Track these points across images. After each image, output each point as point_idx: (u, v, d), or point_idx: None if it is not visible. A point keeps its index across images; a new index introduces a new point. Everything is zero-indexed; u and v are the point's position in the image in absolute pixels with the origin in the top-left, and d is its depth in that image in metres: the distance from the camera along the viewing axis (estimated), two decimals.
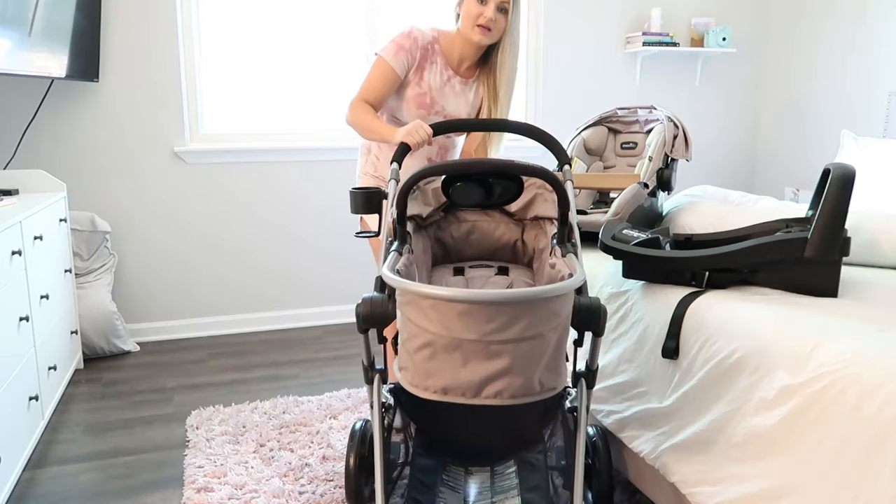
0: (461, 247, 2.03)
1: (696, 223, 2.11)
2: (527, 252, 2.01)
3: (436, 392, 1.26)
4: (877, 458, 1.18)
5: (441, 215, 1.99)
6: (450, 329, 1.21)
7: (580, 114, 4.00)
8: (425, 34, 2.12)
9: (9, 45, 2.57)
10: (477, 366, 1.22)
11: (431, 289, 1.20)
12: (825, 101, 3.93)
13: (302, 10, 3.51)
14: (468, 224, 2.01)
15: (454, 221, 2.01)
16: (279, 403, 2.65)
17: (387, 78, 2.08)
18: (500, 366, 1.22)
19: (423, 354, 1.26)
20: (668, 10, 4.04)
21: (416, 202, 1.90)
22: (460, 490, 1.75)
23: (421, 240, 1.94)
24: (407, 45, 2.08)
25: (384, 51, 2.08)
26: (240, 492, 2.04)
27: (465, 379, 1.23)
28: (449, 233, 2.01)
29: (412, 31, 2.10)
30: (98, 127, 3.25)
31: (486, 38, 2.04)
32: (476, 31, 2.03)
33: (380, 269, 1.67)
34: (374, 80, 2.09)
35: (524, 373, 1.23)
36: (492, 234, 2.01)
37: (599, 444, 1.79)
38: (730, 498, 1.44)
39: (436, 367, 1.25)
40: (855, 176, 1.63)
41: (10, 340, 2.09)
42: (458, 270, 1.96)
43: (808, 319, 1.45)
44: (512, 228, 2.01)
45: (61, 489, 2.10)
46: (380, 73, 2.08)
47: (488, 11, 2.01)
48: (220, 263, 3.53)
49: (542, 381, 1.27)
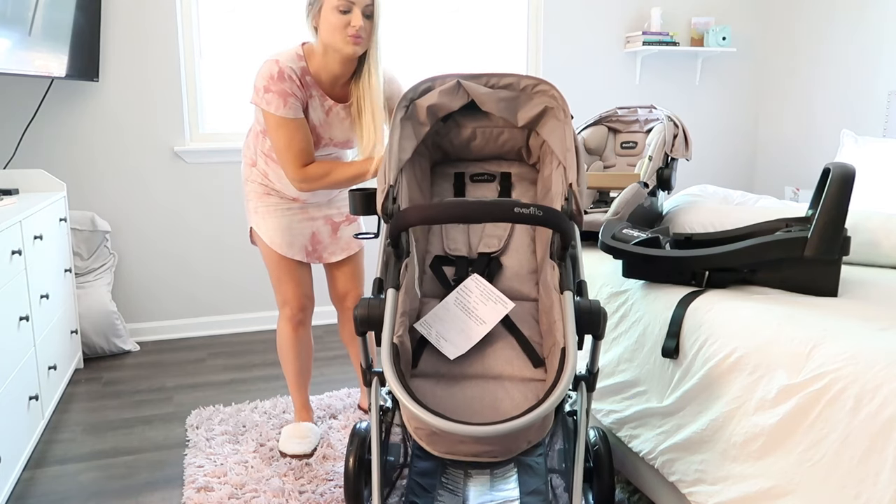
0: (462, 152, 1.91)
1: (696, 223, 2.11)
2: (531, 156, 1.90)
3: (437, 453, 1.41)
4: (877, 457, 1.18)
5: (440, 125, 1.86)
6: (446, 433, 1.34)
7: (580, 113, 4.00)
8: (294, 67, 1.95)
9: (9, 45, 2.57)
10: (472, 446, 1.37)
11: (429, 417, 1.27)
12: (825, 101, 3.93)
13: (301, 10, 3.51)
14: (469, 130, 1.86)
15: (454, 127, 1.87)
16: (279, 403, 2.65)
17: (301, 128, 1.96)
18: (491, 448, 1.37)
19: (421, 432, 1.41)
20: (668, 9, 4.04)
21: (408, 133, 1.76)
22: (459, 493, 1.74)
23: (419, 162, 1.84)
24: (288, 90, 1.93)
25: (273, 107, 1.92)
26: (240, 491, 2.04)
27: (462, 450, 1.39)
28: (448, 139, 1.88)
29: (282, 70, 1.92)
30: (98, 126, 3.25)
31: (360, 47, 1.93)
32: (349, 42, 1.90)
33: (379, 271, 1.66)
34: (295, 139, 1.94)
35: (514, 446, 1.40)
36: (495, 140, 1.88)
37: (601, 447, 1.79)
38: (729, 497, 1.44)
39: (435, 441, 1.40)
40: (855, 175, 1.63)
41: (10, 340, 2.09)
42: (458, 181, 1.88)
43: (808, 319, 1.45)
44: (516, 135, 1.87)
45: (61, 489, 2.10)
46: (293, 129, 1.94)
47: (355, 19, 1.88)
48: (220, 263, 3.53)
49: (531, 440, 1.42)
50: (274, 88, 1.92)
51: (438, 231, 1.84)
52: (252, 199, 2.19)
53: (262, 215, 2.17)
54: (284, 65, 1.94)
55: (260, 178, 2.16)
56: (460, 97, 1.80)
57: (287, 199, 2.18)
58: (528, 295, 1.73)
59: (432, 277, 1.77)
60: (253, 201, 2.19)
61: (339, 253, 2.30)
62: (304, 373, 2.35)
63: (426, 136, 1.83)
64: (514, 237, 1.80)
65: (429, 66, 3.72)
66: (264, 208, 2.17)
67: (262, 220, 2.17)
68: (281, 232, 2.17)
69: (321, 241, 2.26)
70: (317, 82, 2.02)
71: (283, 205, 2.18)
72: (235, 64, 3.46)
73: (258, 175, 2.16)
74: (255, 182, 2.17)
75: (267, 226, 2.17)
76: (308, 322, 2.30)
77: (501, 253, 1.78)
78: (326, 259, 2.29)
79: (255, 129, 2.15)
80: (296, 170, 1.97)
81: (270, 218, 2.17)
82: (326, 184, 2.01)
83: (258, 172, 2.16)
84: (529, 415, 1.26)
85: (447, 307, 1.59)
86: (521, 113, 1.80)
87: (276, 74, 1.92)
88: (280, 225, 2.17)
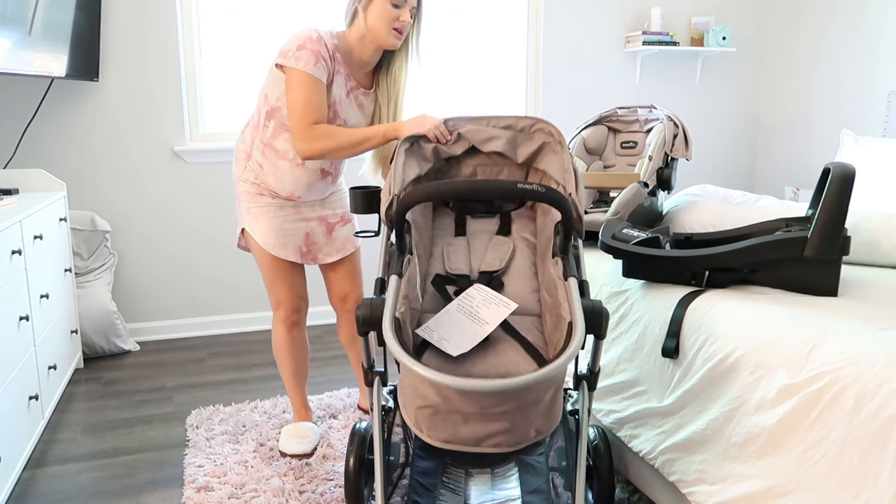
0: None
1: (696, 222, 2.11)
2: None
3: (438, 441, 1.33)
4: (877, 457, 1.18)
5: (442, 163, 1.93)
6: (449, 401, 1.26)
7: (580, 113, 4.00)
8: (329, 40, 1.99)
9: (9, 45, 2.57)
10: (476, 426, 1.29)
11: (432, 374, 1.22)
12: (825, 101, 3.93)
13: (301, 10, 3.51)
14: (470, 169, 1.94)
15: (455, 165, 1.94)
16: (279, 403, 2.66)
17: (320, 91, 1.95)
18: (497, 427, 1.29)
19: (424, 413, 1.32)
20: (668, 9, 4.05)
21: (413, 162, 1.83)
22: (461, 492, 1.75)
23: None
24: (323, 54, 1.95)
25: (302, 63, 1.92)
26: (240, 491, 2.04)
27: (465, 434, 1.30)
28: (450, 177, 1.94)
29: (321, 37, 1.96)
30: (98, 126, 3.25)
31: (399, 42, 2.01)
32: (392, 35, 1.97)
33: (380, 271, 1.66)
34: (312, 97, 1.94)
35: (521, 429, 1.31)
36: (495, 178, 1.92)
37: (601, 446, 1.79)
38: (729, 497, 1.44)
39: (437, 424, 1.31)
40: (855, 175, 1.63)
41: (10, 340, 2.09)
42: (459, 224, 1.91)
43: (808, 319, 1.45)
44: (515, 173, 1.94)
45: (61, 488, 2.10)
46: (313, 88, 1.94)
47: (405, 15, 1.96)
48: (220, 263, 3.53)
49: (538, 429, 1.35)
50: (309, 47, 1.94)
51: (440, 253, 1.86)
52: (244, 199, 2.16)
53: (255, 216, 2.15)
54: (323, 33, 1.99)
55: (253, 175, 2.14)
56: (461, 145, 1.89)
57: (280, 198, 2.16)
58: (530, 310, 1.72)
59: (434, 294, 1.76)
60: (245, 202, 2.16)
61: (334, 254, 2.29)
62: (300, 373, 2.34)
63: (429, 173, 1.91)
64: (515, 259, 1.81)
65: (429, 66, 3.72)
66: (257, 209, 2.15)
67: (254, 221, 2.15)
68: (274, 232, 2.15)
69: (316, 241, 2.25)
70: (345, 62, 2.06)
71: (275, 205, 2.15)
72: (235, 64, 3.47)
73: (251, 173, 2.14)
74: (247, 181, 2.15)
75: (260, 226, 2.15)
76: (302, 323, 2.30)
77: (503, 273, 1.80)
78: (322, 260, 2.28)
79: (254, 120, 2.12)
80: (305, 126, 1.94)
81: (263, 218, 2.15)
82: (332, 144, 1.95)
83: (252, 169, 2.13)
84: (543, 370, 1.21)
85: (449, 313, 1.58)
86: (521, 150, 1.88)
87: (315, 38, 1.96)
88: (273, 225, 2.15)
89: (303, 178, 2.12)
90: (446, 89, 3.79)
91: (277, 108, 2.04)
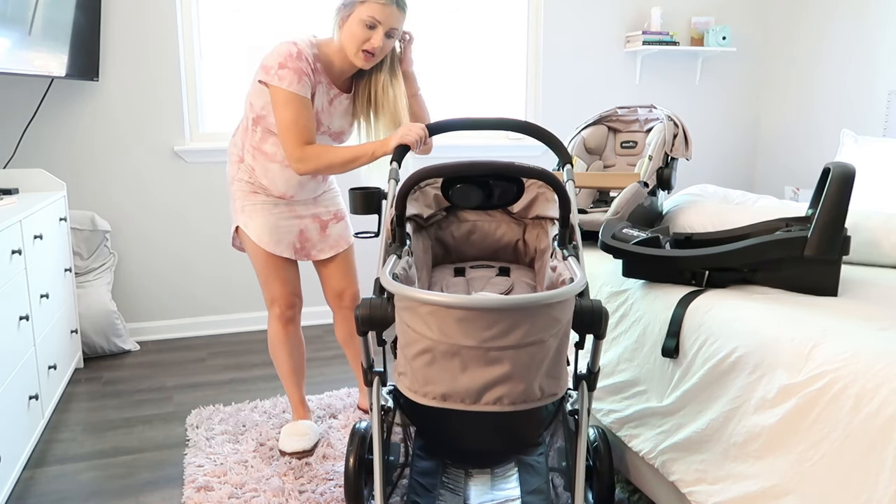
0: (462, 247, 2.02)
1: (696, 222, 2.11)
2: (528, 252, 2.01)
3: (434, 398, 1.25)
4: (877, 456, 1.18)
5: (442, 215, 1.99)
6: (448, 335, 1.20)
7: (580, 113, 4.00)
8: (308, 52, 1.99)
9: (9, 44, 2.57)
10: (476, 372, 1.21)
11: (429, 295, 1.18)
12: (825, 101, 3.93)
13: (301, 10, 3.51)
14: (469, 224, 2.00)
15: (455, 221, 2.00)
16: (279, 403, 2.65)
17: (307, 107, 1.97)
18: (499, 372, 1.21)
19: (421, 360, 1.25)
20: (668, 9, 4.04)
21: (417, 203, 1.89)
22: (460, 492, 1.75)
23: (421, 240, 1.94)
24: (305, 70, 1.96)
25: (286, 82, 1.94)
26: (240, 491, 2.04)
27: (464, 385, 1.22)
28: (450, 232, 2.00)
29: (300, 51, 1.96)
30: (98, 126, 3.25)
31: (369, 64, 1.99)
32: (360, 57, 1.96)
33: (379, 271, 1.67)
34: (300, 117, 1.95)
35: (524, 379, 1.22)
36: (493, 234, 2.00)
37: (601, 446, 1.79)
38: (729, 497, 1.44)
39: (434, 374, 1.24)
40: (855, 175, 1.63)
41: (9, 340, 2.09)
42: (458, 271, 1.96)
43: (808, 318, 1.45)
44: (513, 228, 2.00)
45: (61, 488, 2.10)
46: (300, 107, 1.95)
47: (376, 39, 1.94)
48: (220, 263, 3.53)
49: (543, 388, 1.26)
50: (290, 65, 1.94)
51: (439, 282, 1.89)
52: (238, 197, 2.19)
53: (249, 214, 2.18)
54: (302, 47, 1.98)
55: (246, 175, 2.17)
56: None
57: (273, 196, 2.19)
58: None
59: None
60: (239, 200, 2.19)
61: (327, 250, 2.31)
62: (297, 371, 2.35)
63: (429, 227, 1.95)
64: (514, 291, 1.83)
65: (429, 66, 3.72)
66: (251, 207, 2.17)
67: (249, 219, 2.18)
68: (269, 229, 2.17)
69: (309, 238, 2.27)
70: (326, 70, 2.06)
71: (269, 202, 2.18)
72: (235, 64, 3.47)
73: (244, 173, 2.17)
74: (241, 181, 2.18)
75: (254, 224, 2.17)
76: (297, 319, 2.31)
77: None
78: (315, 256, 2.29)
79: (243, 125, 2.16)
80: (296, 147, 1.97)
81: (258, 216, 2.17)
82: (323, 163, 1.98)
83: (244, 170, 2.17)
84: (545, 292, 1.19)
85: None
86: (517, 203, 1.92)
87: (295, 54, 1.95)
88: (267, 223, 2.17)
89: (294, 178, 2.16)
90: (446, 89, 3.79)
91: (263, 116, 2.07)
